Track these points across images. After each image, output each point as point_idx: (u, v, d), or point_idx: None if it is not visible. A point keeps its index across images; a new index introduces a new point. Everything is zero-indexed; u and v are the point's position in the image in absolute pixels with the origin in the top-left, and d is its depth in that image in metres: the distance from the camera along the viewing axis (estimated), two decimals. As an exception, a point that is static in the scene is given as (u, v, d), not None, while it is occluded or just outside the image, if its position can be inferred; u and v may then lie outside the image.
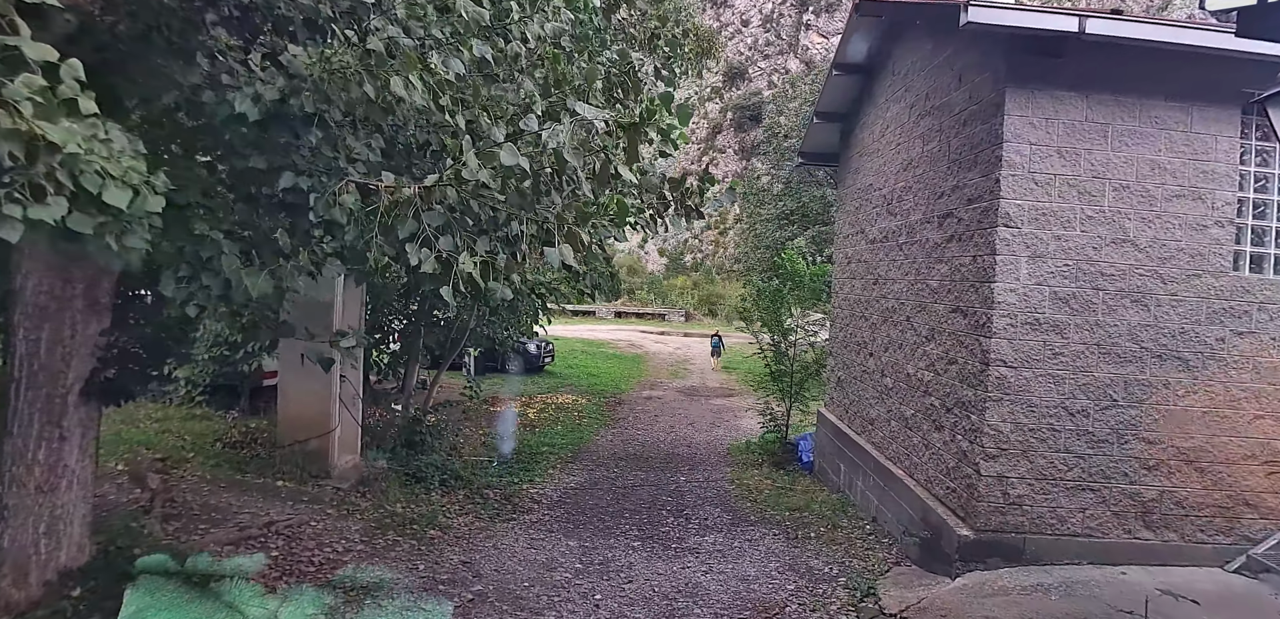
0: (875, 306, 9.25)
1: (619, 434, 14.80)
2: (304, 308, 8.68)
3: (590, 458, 12.52)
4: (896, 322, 8.46)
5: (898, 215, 8.58)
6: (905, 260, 8.28)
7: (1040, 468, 6.39)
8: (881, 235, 9.11)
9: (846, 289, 10.57)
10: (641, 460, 12.47)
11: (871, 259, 9.47)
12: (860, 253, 9.97)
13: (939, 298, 7.33)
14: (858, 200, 10.19)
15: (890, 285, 8.72)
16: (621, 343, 32.97)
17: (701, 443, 14.21)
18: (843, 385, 10.52)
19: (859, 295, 9.95)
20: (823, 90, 10.82)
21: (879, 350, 9.01)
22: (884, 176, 9.14)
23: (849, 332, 10.36)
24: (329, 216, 3.37)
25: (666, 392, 21.00)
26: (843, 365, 10.60)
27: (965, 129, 6.97)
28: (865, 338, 9.59)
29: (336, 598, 5.59)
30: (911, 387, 7.93)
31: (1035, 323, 6.34)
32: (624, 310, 49.29)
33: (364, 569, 6.49)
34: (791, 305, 12.69)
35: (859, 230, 10.08)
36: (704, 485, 10.82)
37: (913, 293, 8.01)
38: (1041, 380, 6.36)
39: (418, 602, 5.95)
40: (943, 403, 7.14)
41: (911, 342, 7.98)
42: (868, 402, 9.37)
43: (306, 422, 8.55)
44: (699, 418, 17.04)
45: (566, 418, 16.28)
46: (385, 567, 6.71)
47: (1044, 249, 6.32)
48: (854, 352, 10.05)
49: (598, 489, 10.33)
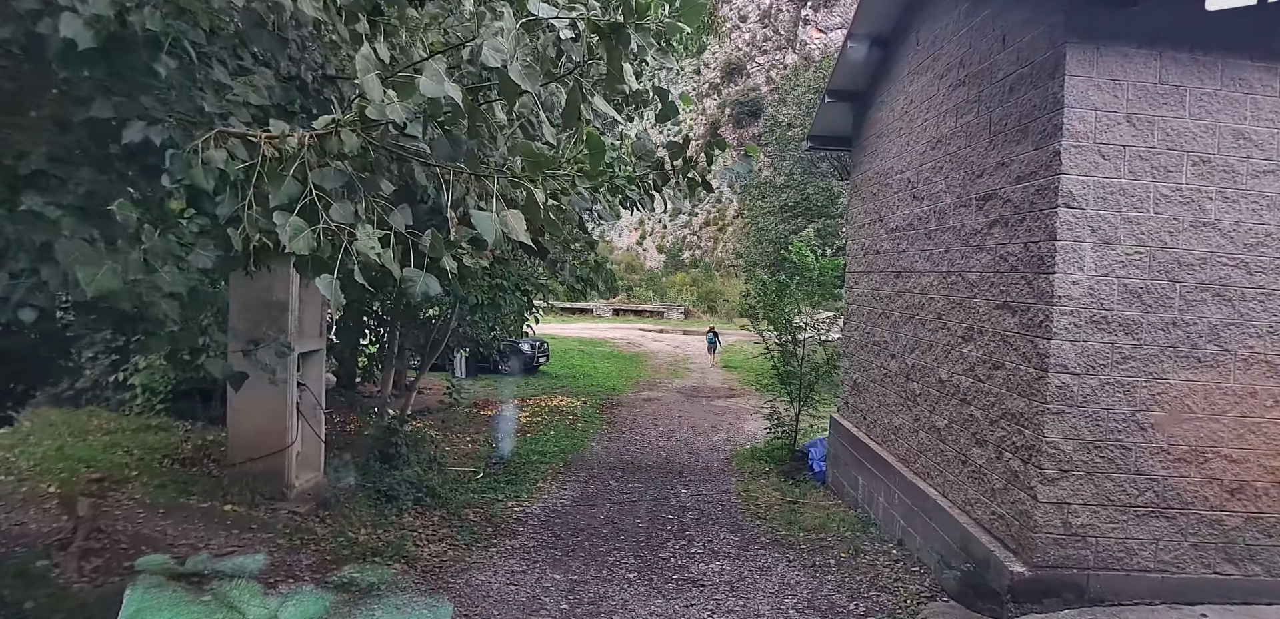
0: (897, 303, 8.22)
1: (616, 440, 13.78)
2: (253, 308, 7.70)
3: (584, 467, 11.51)
4: (924, 320, 7.44)
5: (925, 200, 7.56)
6: (935, 250, 7.26)
7: (1107, 492, 5.38)
8: (904, 223, 8.09)
9: (863, 284, 9.55)
10: (639, 470, 11.46)
11: (892, 250, 8.45)
12: (879, 243, 8.94)
13: (980, 292, 6.31)
14: (875, 186, 9.17)
15: (916, 279, 7.70)
16: (619, 341, 31.95)
17: (703, 449, 13.20)
18: (859, 390, 9.50)
19: (877, 290, 8.93)
20: (835, 66, 9.78)
21: (903, 352, 7.99)
22: (907, 158, 8.11)
23: (866, 330, 9.35)
24: (189, 180, 2.35)
25: (666, 392, 19.99)
26: (859, 367, 9.59)
27: (1012, 97, 5.94)
28: (885, 337, 8.57)
29: (337, 597, 5.55)
30: (945, 394, 6.91)
31: (1101, 321, 5.32)
32: (622, 308, 48.29)
33: (365, 569, 6.32)
34: (800, 301, 11.67)
35: (877, 219, 9.05)
36: (707, 499, 9.81)
37: (945, 287, 6.99)
38: (1108, 389, 5.34)
39: (418, 601, 5.92)
40: (986, 414, 6.12)
41: (944, 343, 6.96)
42: (889, 409, 8.35)
43: (259, 437, 7.51)
44: (700, 421, 16.03)
45: (560, 422, 15.26)
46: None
47: (1112, 233, 5.30)
48: (872, 353, 9.03)
49: (591, 505, 9.31)
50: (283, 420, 7.51)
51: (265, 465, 7.49)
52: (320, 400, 8.27)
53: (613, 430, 14.72)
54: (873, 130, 9.40)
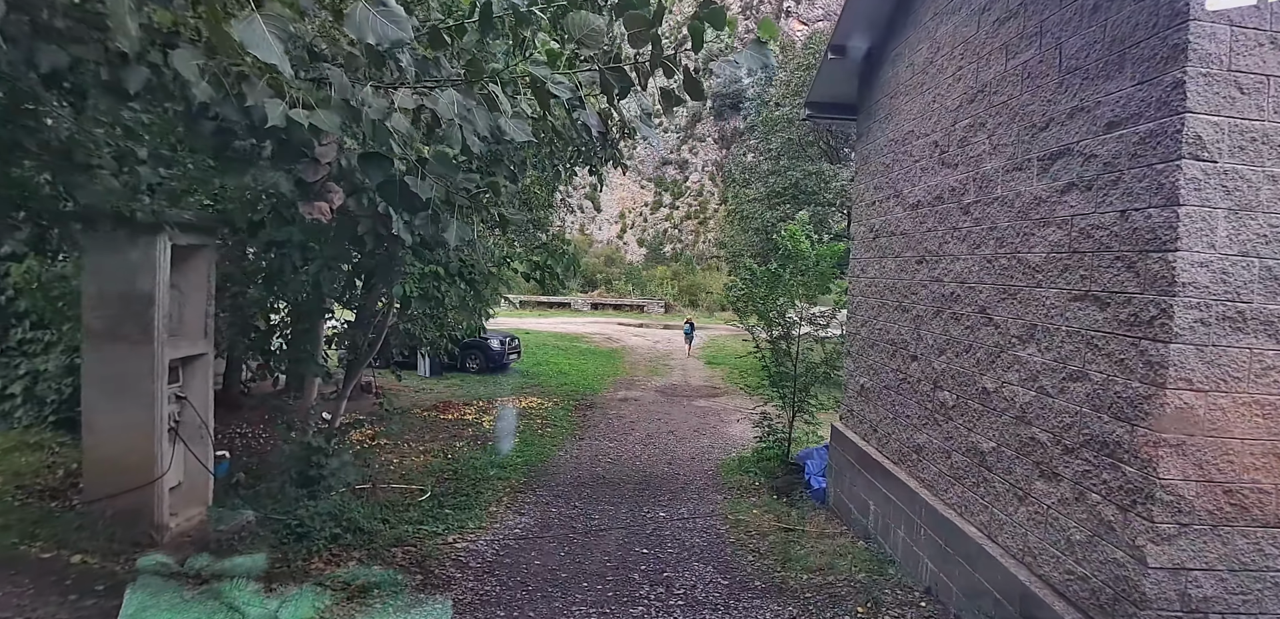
0: (920, 294, 6.68)
1: (587, 447, 12.16)
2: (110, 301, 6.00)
3: (548, 483, 9.88)
4: (961, 314, 5.90)
5: (960, 166, 6.01)
6: (975, 228, 5.71)
7: (1241, 553, 3.86)
8: (930, 197, 6.55)
9: (872, 271, 8.00)
10: (611, 486, 9.85)
11: (913, 230, 6.90)
12: (894, 223, 7.39)
13: (1046, 280, 4.77)
14: (889, 156, 7.62)
15: (947, 264, 6.16)
16: (597, 337, 30.30)
17: (685, 458, 11.62)
18: (868, 397, 7.96)
19: (893, 279, 7.38)
20: (841, 14, 8.20)
21: (928, 353, 6.45)
22: (933, 118, 6.56)
23: (878, 326, 7.80)
24: None
25: (645, 392, 18.39)
26: (868, 370, 8.04)
27: (1096, 17, 4.38)
28: (903, 335, 7.03)
29: (337, 598, 5.37)
30: (990, 409, 5.37)
31: (1237, 318, 3.79)
32: (601, 302, 46.67)
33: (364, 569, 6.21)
34: (794, 293, 10.12)
35: (891, 194, 7.51)
36: (690, 525, 8.23)
37: (991, 273, 5.45)
38: (1246, 412, 3.82)
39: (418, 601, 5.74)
40: (1057, 439, 4.59)
41: (990, 344, 5.42)
42: (909, 422, 6.81)
43: (120, 466, 5.80)
44: (681, 424, 14.46)
45: (527, 427, 13.60)
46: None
47: (1253, 197, 3.77)
48: (886, 353, 7.49)
49: (550, 537, 7.69)
50: (150, 445, 5.80)
51: (129, 502, 5.79)
52: (206, 418, 6.55)
53: (585, 436, 13.10)
54: (885, 91, 7.84)
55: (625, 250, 71.84)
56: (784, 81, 19.60)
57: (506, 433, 13.14)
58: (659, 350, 27.19)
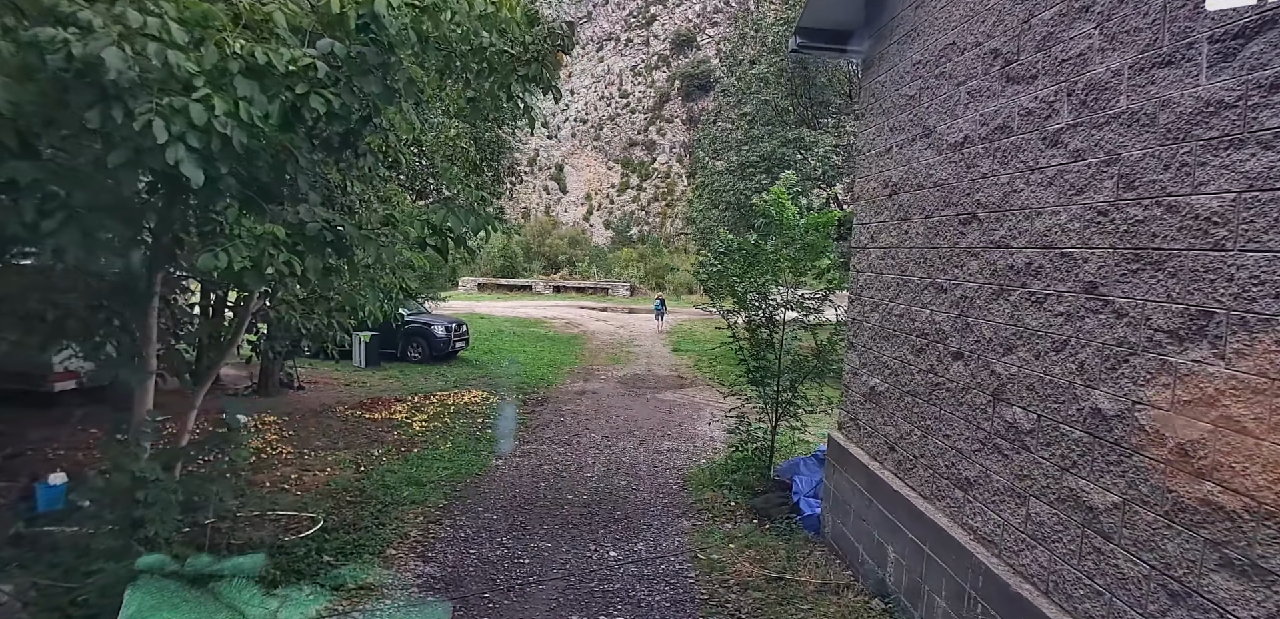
0: (969, 266, 4.69)
1: (531, 455, 10.05)
2: None
3: (474, 506, 7.75)
4: (1046, 295, 3.91)
5: (1044, 76, 4.00)
6: (1072, 164, 3.71)
7: None
8: (987, 128, 4.53)
9: (887, 239, 5.99)
10: (553, 510, 7.76)
11: (955, 179, 4.89)
12: (923, 172, 5.38)
13: (1241, 234, 2.78)
14: (914, 84, 5.59)
15: (1020, 221, 4.16)
16: (557, 321, 28.12)
17: (646, 468, 9.57)
18: (882, 404, 5.97)
19: (919, 248, 5.38)
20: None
21: (983, 350, 4.46)
22: (991, 16, 4.54)
23: (896, 311, 5.81)
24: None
25: (605, 382, 16.30)
26: (881, 368, 6.05)
27: None
28: (940, 324, 5.04)
29: (336, 598, 5.35)
30: (1113, 442, 3.39)
31: None
32: (563, 285, 44.43)
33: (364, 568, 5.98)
34: (779, 270, 8.09)
35: (917, 134, 5.49)
36: (649, 569, 6.20)
37: (1109, 230, 3.45)
38: None
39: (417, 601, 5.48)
40: (1267, 515, 2.62)
41: (1110, 340, 3.43)
42: (952, 445, 4.83)
43: None
44: (644, 421, 12.41)
45: (462, 428, 11.43)
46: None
47: None
48: (910, 347, 5.49)
49: (460, 595, 5.57)
50: None
51: None
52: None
53: (530, 439, 10.97)
54: (906, 1, 5.81)
55: (592, 232, 69.64)
56: (761, 38, 17.48)
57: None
58: (622, 335, 25.14)
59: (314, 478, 8.72)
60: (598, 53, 78.39)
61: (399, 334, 17.77)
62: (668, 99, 75.48)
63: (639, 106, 76.73)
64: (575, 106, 76.46)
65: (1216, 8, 2.98)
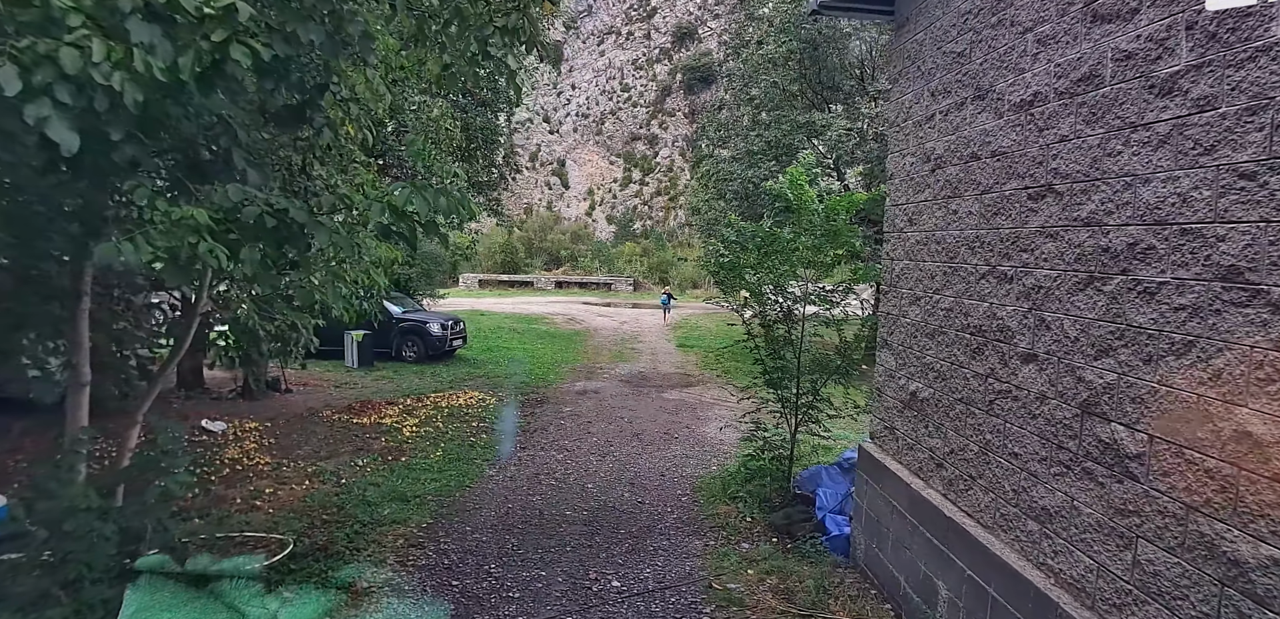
0: (1044, 249, 3.84)
1: (527, 463, 9.23)
2: None
3: (461, 527, 6.94)
4: (1157, 286, 3.07)
5: (1143, 13, 3.15)
6: (1196, 117, 2.87)
7: None
8: (1066, 82, 3.68)
9: (931, 220, 5.14)
10: (550, 529, 6.94)
11: (1021, 145, 4.04)
12: (978, 140, 4.53)
13: None
14: (964, 37, 4.74)
15: (1116, 192, 3.32)
16: (559, 317, 27.32)
17: (652, 476, 8.75)
18: (926, 412, 5.13)
19: (974, 229, 4.54)
20: None
21: (1065, 351, 3.62)
22: (1068, -55, 3.69)
23: (943, 304, 4.97)
24: None
25: (607, 382, 15.49)
26: (924, 371, 5.21)
27: None
28: (1004, 319, 4.20)
29: (337, 598, 5.19)
30: (1269, 476, 2.55)
31: None
32: (566, 280, 43.58)
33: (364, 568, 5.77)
34: (797, 260, 7.25)
35: (970, 95, 4.64)
36: (656, 601, 5.38)
37: (1258, 201, 2.61)
38: None
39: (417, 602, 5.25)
40: None
41: (1262, 344, 2.60)
42: (1024, 466, 4.00)
43: None
44: (649, 423, 11.59)
45: (455, 433, 10.63)
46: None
47: None
48: (963, 347, 4.65)
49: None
50: None
51: None
52: None
53: (528, 445, 10.16)
54: (951, -57, 4.95)
55: (594, 227, 68.87)
56: (766, 18, 16.53)
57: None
58: (625, 331, 24.35)
59: (290, 493, 7.94)
60: (598, 46, 77.52)
61: (393, 333, 17.02)
62: (670, 92, 74.55)
63: (641, 100, 75.87)
64: (577, 101, 75.65)
65: (1216, 8, 2.76)
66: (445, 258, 24.18)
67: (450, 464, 9.06)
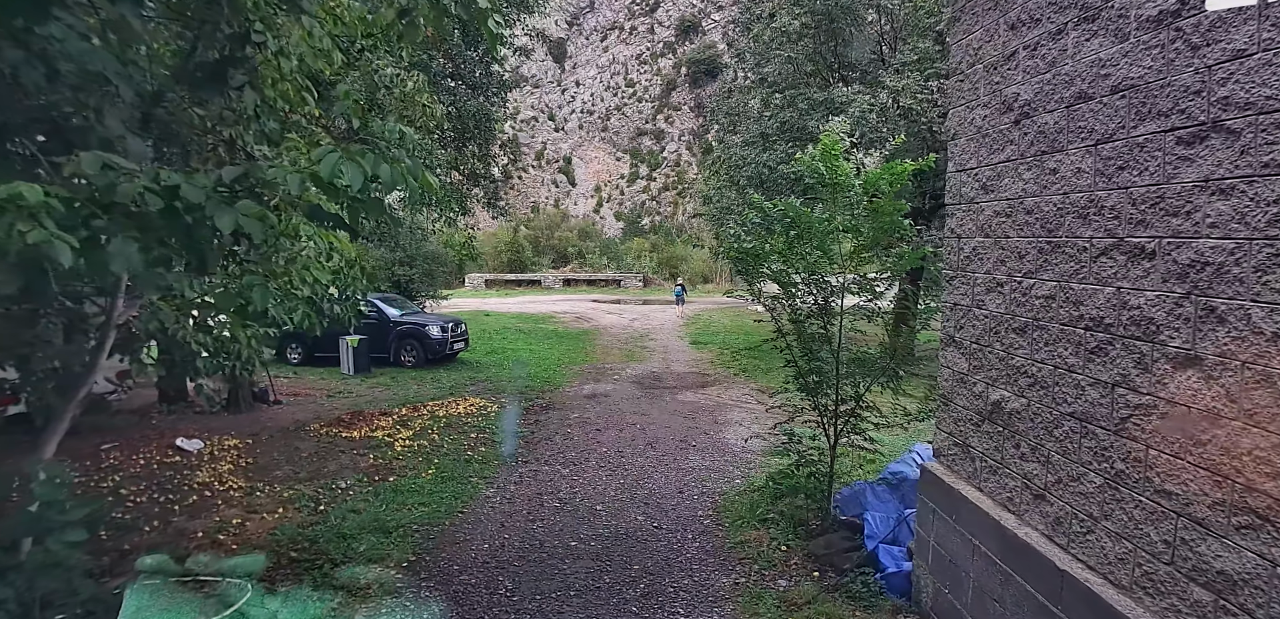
0: (1210, 212, 2.76)
1: (528, 481, 8.21)
2: None
3: (448, 563, 5.92)
4: None
5: None
6: None
7: None
8: (1239, -24, 2.60)
9: (1017, 185, 4.04)
10: (550, 567, 5.91)
11: (1161, 72, 2.96)
12: (1090, 73, 3.44)
13: None
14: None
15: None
16: (566, 316, 26.31)
17: (669, 494, 7.71)
18: (1016, 428, 4.04)
19: (1087, 193, 3.44)
20: None
21: (1255, 356, 2.53)
22: None
23: (1039, 292, 3.88)
24: None
25: (618, 384, 14.45)
26: (1013, 376, 4.12)
27: None
28: (1142, 309, 3.12)
29: (337, 598, 5.07)
30: None
31: None
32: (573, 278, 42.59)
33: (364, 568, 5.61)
34: (834, 244, 6.17)
35: (1076, 18, 3.54)
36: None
37: None
38: None
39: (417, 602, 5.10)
40: None
41: None
42: (1183, 511, 2.91)
43: None
44: (663, 431, 10.54)
45: (451, 447, 9.63)
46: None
47: None
48: (1072, 347, 3.56)
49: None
50: None
51: None
52: None
53: (530, 458, 9.15)
54: None
55: (602, 224, 67.88)
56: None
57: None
58: (636, 329, 23.31)
59: (259, 524, 6.97)
60: (602, 42, 76.39)
61: (391, 336, 16.08)
62: (675, 86, 73.37)
63: (646, 95, 74.73)
64: (581, 97, 74.59)
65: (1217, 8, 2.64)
66: (449, 258, 23.23)
67: (443, 484, 8.06)
